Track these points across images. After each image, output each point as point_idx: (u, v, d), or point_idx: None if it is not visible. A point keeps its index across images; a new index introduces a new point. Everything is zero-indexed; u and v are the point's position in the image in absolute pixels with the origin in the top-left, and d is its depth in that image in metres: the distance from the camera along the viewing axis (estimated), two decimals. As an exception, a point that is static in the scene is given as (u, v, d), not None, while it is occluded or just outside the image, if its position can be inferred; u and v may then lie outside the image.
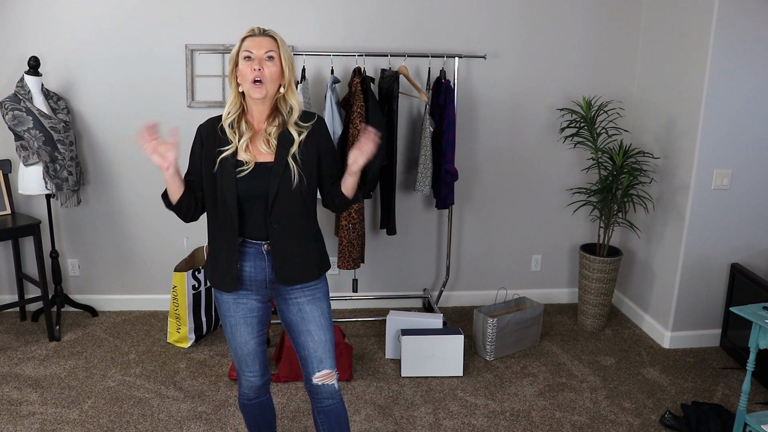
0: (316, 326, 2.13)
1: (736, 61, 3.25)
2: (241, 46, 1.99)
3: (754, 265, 3.54)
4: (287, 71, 2.01)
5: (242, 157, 2.02)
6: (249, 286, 2.11)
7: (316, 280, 2.14)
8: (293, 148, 2.01)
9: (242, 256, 2.07)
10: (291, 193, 2.01)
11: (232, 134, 2.02)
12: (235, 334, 2.15)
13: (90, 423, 2.84)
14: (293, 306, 2.13)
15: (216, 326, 3.75)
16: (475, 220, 4.09)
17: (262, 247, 2.06)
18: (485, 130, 3.94)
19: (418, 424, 2.90)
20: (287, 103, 2.04)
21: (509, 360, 3.49)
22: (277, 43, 1.99)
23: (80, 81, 3.64)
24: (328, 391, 2.16)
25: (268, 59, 1.97)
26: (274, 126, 2.03)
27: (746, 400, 2.56)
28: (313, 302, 2.14)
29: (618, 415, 3.00)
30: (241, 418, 2.89)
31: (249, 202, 2.02)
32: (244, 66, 1.97)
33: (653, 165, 3.74)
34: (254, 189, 2.00)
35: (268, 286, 2.12)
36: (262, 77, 1.95)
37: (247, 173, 2.00)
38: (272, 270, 2.07)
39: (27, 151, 3.40)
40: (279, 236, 2.04)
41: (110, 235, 3.89)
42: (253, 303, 2.14)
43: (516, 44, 3.82)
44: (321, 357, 2.13)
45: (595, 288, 3.78)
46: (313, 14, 3.64)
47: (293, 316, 2.14)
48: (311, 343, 2.12)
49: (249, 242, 2.07)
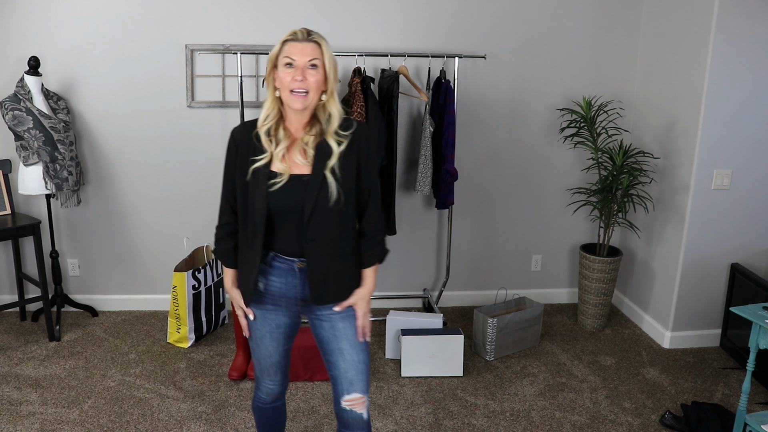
0: (349, 345, 1.98)
1: (736, 61, 3.25)
2: (282, 50, 1.83)
3: (754, 265, 3.54)
4: (331, 78, 1.85)
5: (277, 168, 1.86)
6: (278, 302, 1.99)
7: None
8: (332, 160, 1.86)
9: (271, 271, 1.95)
10: (328, 209, 1.86)
11: (268, 142, 1.87)
12: (260, 347, 2.05)
13: (90, 423, 2.84)
14: (325, 322, 2.00)
15: (216, 326, 3.75)
16: (475, 220, 4.09)
17: (294, 264, 1.93)
18: (485, 130, 3.94)
19: (418, 424, 2.90)
20: (327, 110, 1.89)
21: (509, 360, 3.49)
22: (321, 49, 1.83)
23: (80, 81, 3.64)
24: (356, 420, 2.00)
25: (311, 67, 1.81)
26: (311, 135, 1.88)
27: (746, 400, 2.56)
28: (347, 319, 1.99)
29: (618, 415, 3.00)
30: (241, 418, 2.89)
31: (281, 216, 1.88)
32: (285, 73, 1.81)
33: (653, 165, 3.74)
34: (288, 203, 1.85)
35: (299, 303, 1.99)
36: (305, 87, 1.80)
37: (280, 186, 1.85)
38: (304, 288, 1.95)
39: (27, 151, 3.40)
40: (315, 254, 1.89)
41: (110, 235, 3.89)
42: (282, 319, 2.02)
43: (516, 44, 3.82)
44: (352, 379, 1.98)
45: (595, 288, 3.78)
46: (312, 14, 3.64)
47: (325, 332, 2.01)
48: (342, 363, 1.98)
49: (280, 257, 1.93)
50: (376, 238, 2.03)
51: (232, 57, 3.61)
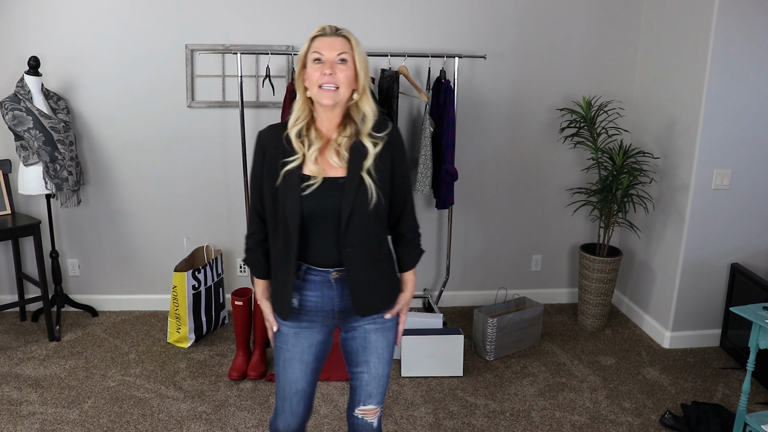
0: (377, 359, 1.93)
1: (736, 61, 3.25)
2: (310, 46, 1.76)
3: (754, 265, 3.54)
4: (362, 75, 1.78)
5: (309, 171, 1.77)
6: (314, 317, 1.88)
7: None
8: (368, 161, 1.78)
9: (306, 285, 1.84)
10: (367, 212, 1.77)
11: (299, 144, 1.78)
12: (287, 371, 1.91)
13: (90, 423, 2.84)
14: (358, 333, 1.92)
15: (216, 326, 3.75)
16: (475, 220, 4.09)
17: (329, 275, 1.83)
18: (485, 130, 3.94)
19: (418, 424, 2.90)
20: (360, 110, 1.81)
21: (509, 360, 3.49)
22: (350, 44, 1.76)
23: (80, 81, 3.64)
24: (366, 428, 1.98)
25: (341, 62, 1.74)
26: (345, 136, 1.80)
27: (746, 400, 2.56)
28: (381, 332, 1.93)
29: (618, 415, 3.00)
30: (241, 418, 2.89)
31: (315, 223, 1.77)
32: (313, 69, 1.74)
33: (653, 165, 3.74)
34: (323, 208, 1.76)
35: (336, 316, 1.89)
36: (334, 82, 1.73)
37: (314, 189, 1.75)
38: (342, 299, 1.86)
39: (27, 151, 3.40)
40: (354, 262, 1.81)
41: (110, 235, 3.89)
42: (316, 336, 1.91)
43: (516, 44, 3.83)
44: (371, 392, 1.94)
45: (595, 288, 3.78)
46: (312, 14, 3.64)
47: (356, 344, 1.93)
48: (366, 376, 1.93)
49: (313, 269, 1.83)
50: (415, 241, 2.03)
51: (232, 57, 3.61)
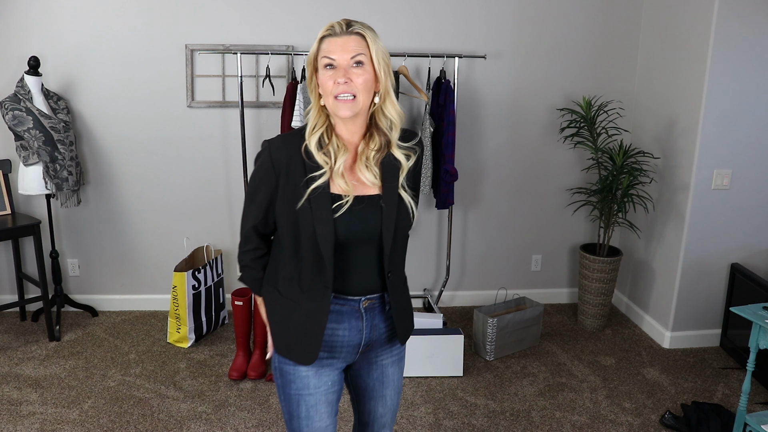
0: (393, 390, 1.80)
1: (736, 61, 3.25)
2: (320, 48, 1.53)
3: (754, 265, 3.54)
4: (382, 75, 1.53)
5: (339, 188, 1.55)
6: (337, 353, 1.66)
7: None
8: (402, 175, 1.60)
9: (335, 318, 1.62)
10: (405, 233, 1.62)
11: (322, 157, 1.54)
12: (314, 418, 1.66)
13: (90, 423, 2.84)
14: (376, 369, 1.76)
15: (216, 326, 3.75)
16: (475, 220, 4.09)
17: (359, 304, 1.63)
18: (485, 130, 3.94)
19: (418, 424, 2.90)
20: (386, 116, 1.58)
21: (509, 360, 3.49)
22: (366, 41, 1.52)
23: (80, 81, 3.64)
24: None
25: (356, 65, 1.51)
26: (373, 148, 1.58)
27: (746, 400, 2.56)
28: (397, 363, 1.79)
29: (618, 415, 3.00)
30: (241, 418, 2.89)
31: (350, 247, 1.57)
32: (326, 77, 1.51)
33: (653, 165, 3.74)
34: (360, 230, 1.56)
35: (362, 350, 1.70)
36: (350, 90, 1.49)
37: (347, 210, 1.54)
38: (371, 331, 1.68)
39: (27, 151, 3.40)
40: (396, 287, 1.66)
41: (110, 235, 3.89)
42: (334, 374, 1.69)
43: (516, 44, 3.83)
44: (386, 423, 1.82)
45: (595, 288, 3.78)
46: (312, 14, 3.64)
47: (373, 380, 1.78)
48: (381, 409, 1.80)
49: (340, 298, 1.61)
50: None
51: (232, 57, 3.61)
